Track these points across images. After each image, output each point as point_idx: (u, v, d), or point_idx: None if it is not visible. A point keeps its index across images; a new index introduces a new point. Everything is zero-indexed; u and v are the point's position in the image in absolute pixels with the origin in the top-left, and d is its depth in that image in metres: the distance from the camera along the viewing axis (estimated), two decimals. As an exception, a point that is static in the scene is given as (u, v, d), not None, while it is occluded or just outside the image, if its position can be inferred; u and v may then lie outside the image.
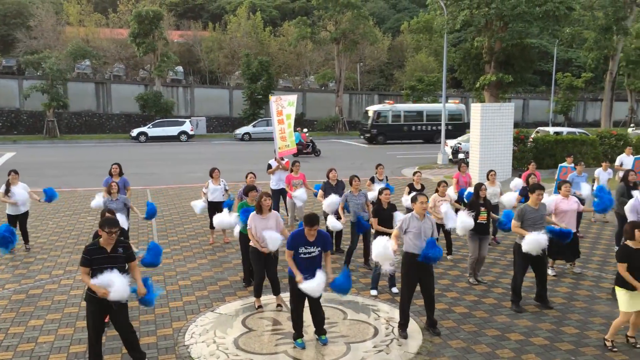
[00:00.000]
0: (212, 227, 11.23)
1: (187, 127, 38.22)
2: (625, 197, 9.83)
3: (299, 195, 11.45)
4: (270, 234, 7.33)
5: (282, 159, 12.68)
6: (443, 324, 7.25)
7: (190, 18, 61.49)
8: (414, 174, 11.22)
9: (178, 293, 8.48)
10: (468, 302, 8.16)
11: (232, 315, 7.58)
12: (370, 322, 7.33)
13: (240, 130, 39.55)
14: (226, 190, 11.23)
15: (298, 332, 6.60)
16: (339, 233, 10.65)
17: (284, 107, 12.98)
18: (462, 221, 8.55)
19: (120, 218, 8.36)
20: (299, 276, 6.31)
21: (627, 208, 8.72)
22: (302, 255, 6.40)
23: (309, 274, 6.32)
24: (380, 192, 8.57)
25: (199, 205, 11.52)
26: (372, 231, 8.71)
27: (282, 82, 53.95)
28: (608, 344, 6.59)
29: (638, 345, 6.61)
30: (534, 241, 7.44)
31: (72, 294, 8.38)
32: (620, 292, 6.46)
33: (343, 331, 7.03)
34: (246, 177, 10.08)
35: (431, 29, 38.87)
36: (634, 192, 9.25)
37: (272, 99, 13.00)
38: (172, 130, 37.85)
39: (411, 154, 29.82)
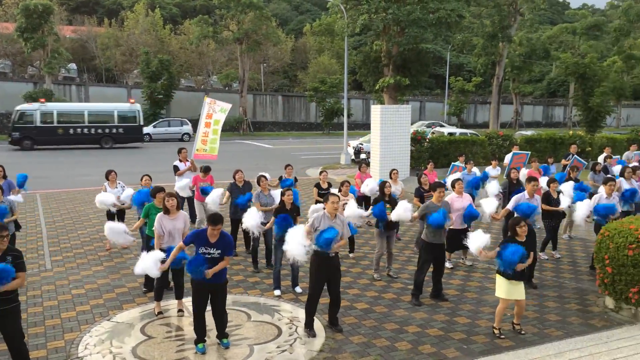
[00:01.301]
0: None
1: (80, 127, 36.06)
2: (507, 195, 10.55)
3: (214, 198, 11.17)
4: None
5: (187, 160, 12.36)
6: (345, 321, 7.41)
7: (84, 13, 58.46)
8: (320, 173, 11.45)
9: (71, 302, 8.02)
10: (369, 298, 8.40)
11: (130, 323, 7.29)
12: (274, 323, 7.35)
13: (140, 131, 38.05)
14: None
15: (199, 337, 6.47)
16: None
17: (215, 111, 12.79)
18: (404, 208, 8.76)
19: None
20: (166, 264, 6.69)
21: (512, 202, 9.35)
22: (201, 256, 6.28)
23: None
24: (282, 194, 8.61)
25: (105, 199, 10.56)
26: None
27: (184, 82, 52.66)
28: (496, 331, 7.05)
29: (523, 332, 7.13)
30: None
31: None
32: (499, 280, 6.93)
33: (246, 333, 6.99)
34: (141, 179, 9.71)
35: (333, 31, 39.73)
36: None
37: (207, 100, 12.83)
38: (65, 131, 35.57)
39: (315, 154, 30.20)
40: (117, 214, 10.65)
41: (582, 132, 28.79)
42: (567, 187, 10.60)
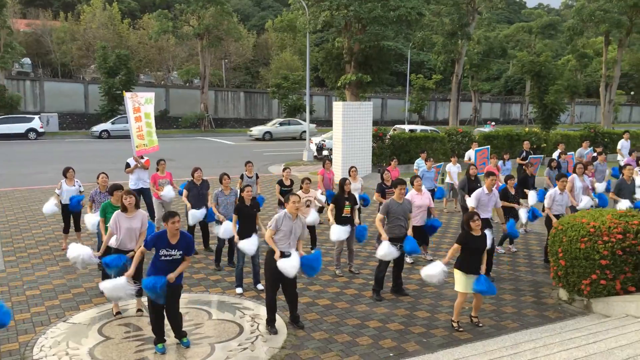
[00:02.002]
0: (65, 231, 10.52)
1: (36, 124, 35.08)
2: (464, 190, 10.76)
3: (166, 194, 11.09)
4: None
5: (142, 157, 12.12)
6: (307, 317, 7.44)
7: (39, 6, 56.68)
8: (284, 170, 11.40)
9: (25, 304, 7.80)
10: (331, 294, 8.45)
11: (87, 324, 7.14)
12: (236, 321, 7.31)
13: (98, 128, 37.19)
14: (81, 192, 10.54)
15: (159, 337, 6.38)
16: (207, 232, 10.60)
17: (141, 104, 12.39)
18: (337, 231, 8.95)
19: None
20: (131, 270, 6.46)
21: (472, 197, 9.54)
22: (162, 258, 6.19)
23: (165, 275, 6.18)
24: (242, 190, 8.56)
25: (48, 206, 10.65)
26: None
27: (143, 77, 51.71)
28: (454, 324, 7.20)
29: (480, 325, 7.30)
30: (387, 253, 7.98)
31: None
32: (457, 274, 7.08)
33: (207, 332, 6.94)
34: (98, 177, 9.50)
35: (295, 28, 39.67)
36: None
37: (127, 95, 12.24)
38: (19, 128, 34.54)
39: (277, 151, 30.13)
40: (70, 216, 10.45)
41: (538, 128, 29.58)
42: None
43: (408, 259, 9.91)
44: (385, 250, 7.94)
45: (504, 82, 72.58)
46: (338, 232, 8.90)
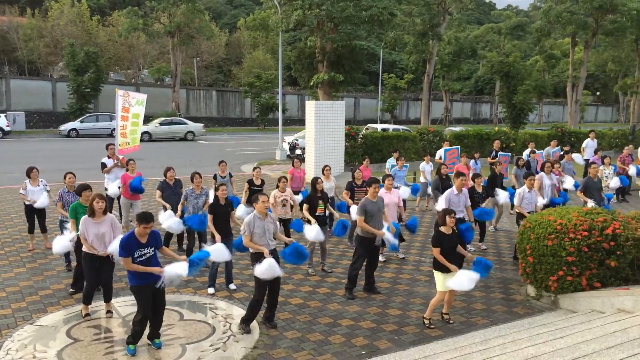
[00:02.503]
0: (31, 231, 10.29)
1: (2, 122, 34.19)
2: (439, 190, 10.88)
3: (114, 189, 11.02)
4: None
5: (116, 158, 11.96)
6: (279, 316, 7.43)
7: (5, 2, 55.20)
8: (254, 169, 11.33)
9: (-10, 308, 7.62)
10: (303, 293, 8.46)
11: (55, 326, 7.00)
12: (208, 321, 7.27)
13: (66, 126, 36.41)
14: (47, 192, 10.32)
15: (136, 338, 6.30)
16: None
17: (131, 104, 12.36)
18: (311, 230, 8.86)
19: None
20: (157, 269, 6.24)
21: (442, 197, 9.67)
22: (138, 259, 6.10)
23: (147, 277, 6.13)
24: (216, 189, 8.50)
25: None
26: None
27: (113, 75, 50.86)
28: (426, 321, 7.29)
29: (451, 321, 7.40)
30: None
31: None
32: (436, 274, 7.16)
33: (179, 333, 6.88)
34: (64, 177, 9.31)
35: (267, 26, 39.40)
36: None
37: (120, 92, 12.23)
38: (-17, 126, 33.68)
39: (250, 150, 29.99)
40: (37, 213, 10.22)
41: (507, 128, 30.08)
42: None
43: (381, 257, 9.98)
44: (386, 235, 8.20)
45: (474, 82, 73.61)
46: (316, 232, 8.73)
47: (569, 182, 12.89)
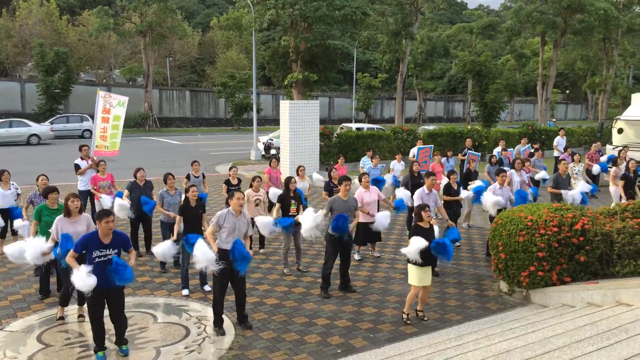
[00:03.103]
0: (2, 236, 10.06)
1: (-33, 124, 33.21)
2: (407, 187, 10.96)
3: (105, 200, 10.63)
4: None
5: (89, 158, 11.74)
6: (255, 317, 7.41)
7: (-30, 1, 53.89)
8: (230, 169, 11.29)
9: (-43, 314, 7.42)
10: (279, 293, 8.44)
11: (26, 331, 6.86)
12: (182, 323, 7.20)
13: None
14: (18, 195, 10.09)
15: (99, 344, 6.15)
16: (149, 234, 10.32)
17: (112, 106, 12.12)
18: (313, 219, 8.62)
19: None
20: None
21: (415, 196, 9.74)
22: (97, 260, 5.94)
23: (104, 279, 5.90)
24: (187, 190, 8.42)
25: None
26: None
27: (84, 76, 50.00)
28: (404, 316, 7.35)
29: (426, 318, 7.46)
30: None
31: None
32: (411, 268, 7.23)
33: (152, 336, 6.80)
34: (37, 179, 9.14)
35: (240, 26, 39.26)
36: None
37: (101, 94, 11.99)
38: (-52, 129, 32.54)
39: (224, 150, 29.79)
40: (7, 220, 9.99)
41: (479, 126, 30.47)
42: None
43: (356, 256, 10.04)
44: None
45: (447, 81, 74.42)
46: (314, 217, 8.47)
47: (541, 173, 13.81)
